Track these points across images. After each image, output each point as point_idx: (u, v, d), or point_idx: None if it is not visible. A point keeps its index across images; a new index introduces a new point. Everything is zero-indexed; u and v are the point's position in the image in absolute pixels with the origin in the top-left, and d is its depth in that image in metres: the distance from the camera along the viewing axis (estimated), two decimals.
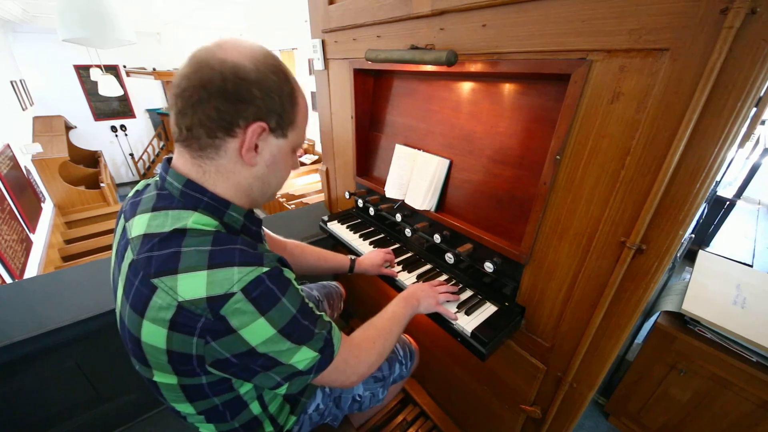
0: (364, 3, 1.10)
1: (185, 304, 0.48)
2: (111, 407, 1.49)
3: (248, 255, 0.53)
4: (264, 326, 0.51)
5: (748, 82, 0.51)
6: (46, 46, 6.49)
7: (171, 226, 0.54)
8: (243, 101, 0.53)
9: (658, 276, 0.67)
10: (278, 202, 5.02)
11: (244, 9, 5.04)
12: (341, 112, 1.45)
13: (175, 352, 0.51)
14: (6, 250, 3.23)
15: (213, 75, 0.51)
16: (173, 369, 0.53)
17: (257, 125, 0.55)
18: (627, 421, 1.60)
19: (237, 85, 0.52)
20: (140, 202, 0.60)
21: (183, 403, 0.60)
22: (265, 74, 0.55)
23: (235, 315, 0.49)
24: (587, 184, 0.72)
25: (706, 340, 1.27)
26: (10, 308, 1.24)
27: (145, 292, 0.50)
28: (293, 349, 0.55)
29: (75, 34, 1.88)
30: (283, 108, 0.58)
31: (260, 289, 0.51)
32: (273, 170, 0.62)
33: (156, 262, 0.51)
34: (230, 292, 0.49)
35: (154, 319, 0.50)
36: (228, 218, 0.60)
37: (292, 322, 0.54)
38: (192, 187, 0.57)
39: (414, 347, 1.15)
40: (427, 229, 1.17)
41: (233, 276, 0.50)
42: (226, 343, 0.51)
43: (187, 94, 0.52)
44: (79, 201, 5.82)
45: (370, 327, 0.77)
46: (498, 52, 0.81)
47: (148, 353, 0.53)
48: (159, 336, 0.50)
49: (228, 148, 0.56)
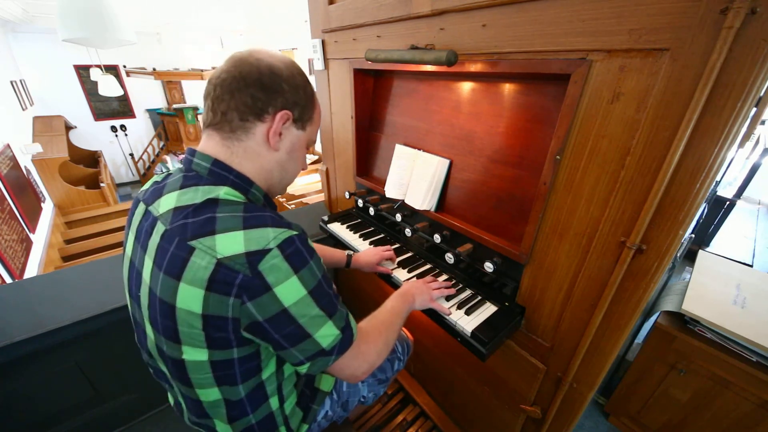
0: (364, 3, 1.10)
1: (224, 260, 0.51)
2: (111, 407, 1.49)
3: (279, 220, 0.58)
4: (296, 285, 0.54)
5: (748, 82, 0.51)
6: (46, 46, 6.49)
7: (203, 197, 0.57)
8: (275, 91, 0.62)
9: (658, 276, 0.67)
10: (278, 202, 5.03)
11: (244, 9, 5.04)
12: (341, 112, 1.45)
13: (210, 316, 0.52)
14: (6, 250, 3.23)
15: (251, 69, 0.61)
16: (206, 339, 0.54)
17: (284, 113, 0.64)
18: (627, 421, 1.60)
19: (271, 78, 0.61)
20: (165, 186, 0.64)
21: (210, 387, 0.61)
22: (293, 74, 0.65)
23: (272, 271, 0.52)
24: (587, 184, 0.72)
25: (706, 340, 1.27)
26: (10, 308, 1.24)
27: (182, 255, 0.53)
28: (320, 317, 0.58)
29: (75, 34, 1.88)
30: (306, 103, 0.67)
31: (293, 248, 0.55)
32: (291, 158, 0.70)
33: (192, 227, 0.54)
34: (267, 248, 0.52)
35: (192, 280, 0.52)
36: (251, 195, 0.66)
37: (319, 286, 0.58)
38: (220, 165, 0.62)
39: (410, 341, 1.19)
40: (427, 229, 1.17)
41: (269, 234, 0.54)
42: (261, 304, 0.53)
43: (227, 83, 0.60)
44: (79, 201, 5.81)
45: (374, 319, 0.79)
46: (498, 52, 0.81)
47: (181, 322, 0.54)
48: (196, 298, 0.52)
49: (257, 132, 0.63)
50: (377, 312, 0.82)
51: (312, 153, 7.27)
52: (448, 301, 0.98)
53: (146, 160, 8.37)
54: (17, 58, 6.18)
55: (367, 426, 1.47)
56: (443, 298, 0.98)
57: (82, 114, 7.43)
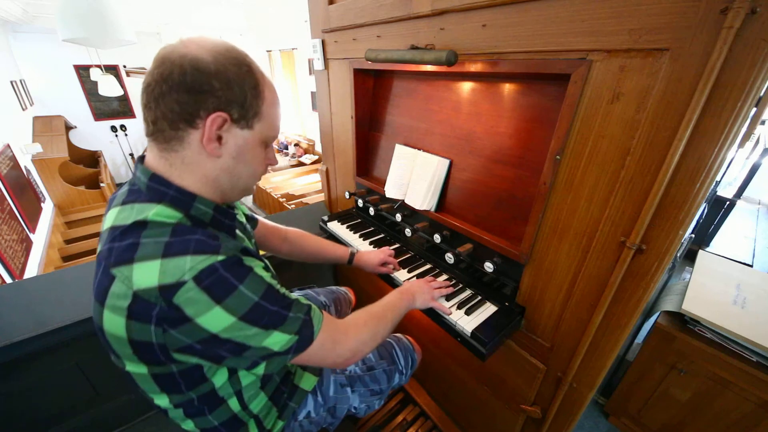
0: (364, 3, 1.10)
1: (139, 292, 0.49)
2: (111, 407, 1.49)
3: (204, 244, 0.53)
4: (221, 314, 0.51)
5: (748, 82, 0.51)
6: (46, 46, 6.48)
7: (134, 218, 0.54)
8: (202, 92, 0.54)
9: (658, 276, 0.67)
10: (278, 202, 5.02)
11: (244, 9, 5.04)
12: (341, 112, 1.45)
13: (136, 341, 0.51)
14: (6, 250, 3.23)
15: (173, 68, 0.52)
16: (140, 358, 0.54)
17: (216, 115, 0.55)
18: (627, 421, 1.60)
19: (196, 77, 0.53)
20: (115, 198, 0.62)
21: (158, 394, 0.61)
22: (225, 66, 0.55)
23: (189, 304, 0.49)
24: (587, 184, 0.72)
25: (706, 340, 1.27)
26: (10, 308, 1.24)
27: (105, 281, 0.52)
28: (261, 333, 0.55)
29: (75, 34, 1.88)
30: (245, 99, 0.58)
31: (213, 278, 0.51)
32: (241, 162, 0.62)
33: (116, 253, 0.52)
34: (181, 281, 0.49)
35: (113, 308, 0.51)
36: (195, 211, 0.60)
37: (255, 308, 0.54)
38: (157, 180, 0.58)
39: (417, 354, 1.11)
40: (427, 229, 1.17)
41: (185, 264, 0.50)
42: (185, 331, 0.51)
43: (150, 88, 0.54)
44: (79, 201, 5.81)
45: (365, 310, 0.79)
46: (498, 52, 0.81)
47: (112, 343, 0.54)
48: (119, 325, 0.51)
49: (191, 140, 0.56)
50: (372, 304, 0.82)
51: (312, 153, 7.26)
52: (448, 300, 0.98)
53: None
54: (17, 58, 6.18)
55: (367, 426, 1.47)
56: (443, 298, 0.98)
57: (82, 114, 7.42)
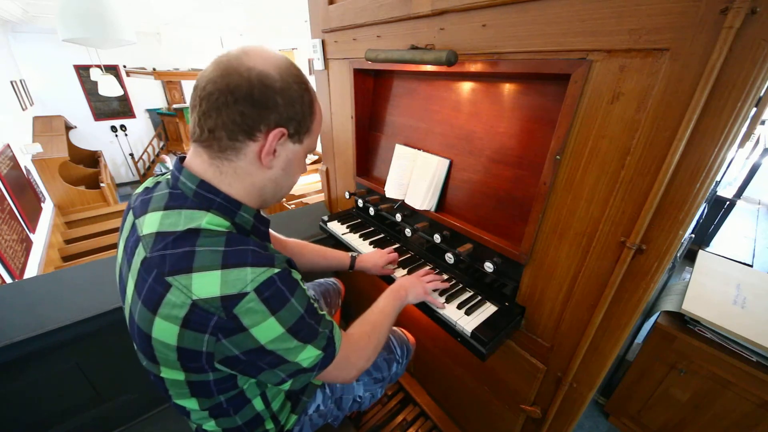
0: (364, 3, 1.10)
1: (199, 302, 0.50)
2: (111, 407, 1.49)
3: (260, 256, 0.54)
4: (274, 325, 0.53)
5: (748, 82, 0.51)
6: (46, 46, 6.49)
7: (185, 225, 0.55)
8: (267, 108, 0.56)
9: (658, 276, 0.67)
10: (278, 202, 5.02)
11: (244, 9, 5.04)
12: (341, 112, 1.45)
13: (185, 349, 0.52)
14: (6, 250, 3.23)
15: (241, 81, 0.53)
16: (182, 365, 0.54)
17: (278, 131, 0.58)
18: (627, 421, 1.60)
19: (263, 93, 0.55)
20: (151, 200, 0.61)
21: (188, 399, 0.61)
22: (289, 84, 0.58)
23: (248, 314, 0.51)
24: (587, 184, 0.72)
25: (706, 340, 1.27)
26: (10, 308, 1.24)
27: (159, 289, 0.51)
28: (299, 347, 0.57)
29: (75, 34, 1.88)
30: (302, 116, 0.61)
31: (272, 290, 0.53)
32: (287, 173, 0.65)
33: (170, 261, 0.52)
34: (244, 292, 0.50)
35: (167, 317, 0.51)
36: (239, 219, 0.62)
37: (300, 321, 0.56)
38: (206, 187, 0.59)
39: (411, 344, 1.17)
40: (427, 229, 1.17)
41: (247, 276, 0.51)
42: (236, 341, 0.52)
43: (213, 97, 0.54)
44: (79, 201, 5.81)
45: (365, 323, 0.79)
46: (498, 52, 0.81)
47: (157, 350, 0.54)
48: (171, 333, 0.51)
49: (248, 151, 0.58)
50: (368, 313, 0.83)
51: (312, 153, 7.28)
52: (449, 301, 0.98)
53: (146, 160, 8.37)
54: (17, 58, 6.18)
55: (368, 426, 1.47)
56: (436, 292, 0.99)
57: (82, 114, 7.43)
